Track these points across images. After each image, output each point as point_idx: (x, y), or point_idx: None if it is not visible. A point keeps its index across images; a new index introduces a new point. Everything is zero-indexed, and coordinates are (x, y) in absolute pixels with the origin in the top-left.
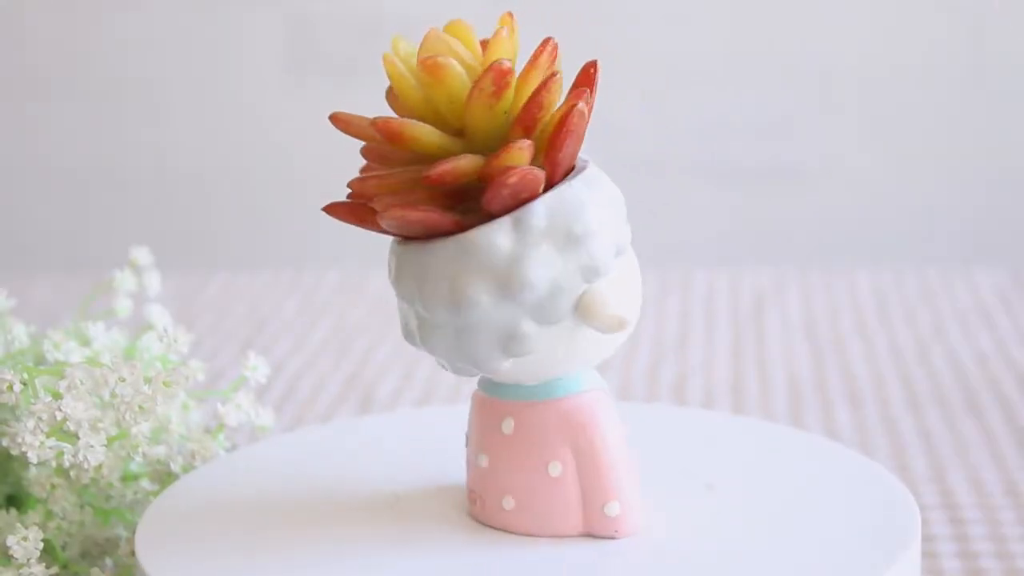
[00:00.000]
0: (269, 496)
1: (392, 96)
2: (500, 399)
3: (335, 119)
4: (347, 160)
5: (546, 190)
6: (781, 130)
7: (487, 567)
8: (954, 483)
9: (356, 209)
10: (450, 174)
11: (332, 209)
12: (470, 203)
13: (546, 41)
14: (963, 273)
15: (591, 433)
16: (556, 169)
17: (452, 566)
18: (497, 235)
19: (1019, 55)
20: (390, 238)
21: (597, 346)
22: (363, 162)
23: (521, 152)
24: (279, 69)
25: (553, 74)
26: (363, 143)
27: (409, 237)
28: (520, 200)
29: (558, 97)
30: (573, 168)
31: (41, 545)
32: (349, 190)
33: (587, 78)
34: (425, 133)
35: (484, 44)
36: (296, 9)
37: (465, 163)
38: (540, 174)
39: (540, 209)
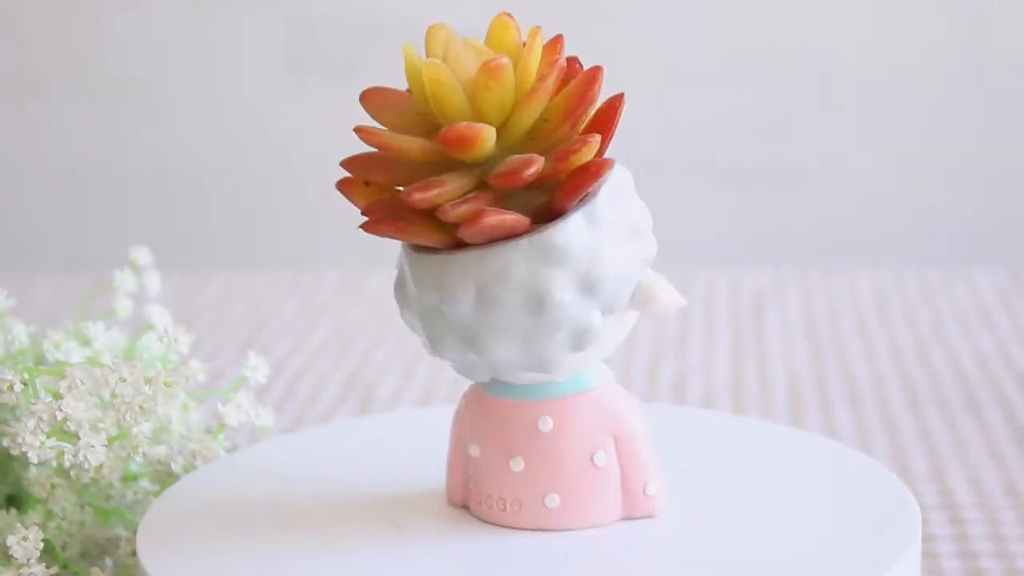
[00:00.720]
0: (270, 496)
1: (377, 102)
2: (530, 399)
3: (360, 132)
4: None
5: None
6: (781, 130)
7: (490, 565)
8: (954, 483)
9: (398, 222)
10: (535, 174)
11: (372, 227)
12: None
13: (559, 38)
14: (963, 273)
15: (629, 417)
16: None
17: (454, 564)
18: (576, 231)
19: (1019, 55)
20: (384, 241)
21: (624, 333)
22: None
23: (596, 147)
24: (279, 69)
25: (599, 68)
26: (367, 150)
27: (458, 244)
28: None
29: None
30: None
31: (41, 545)
32: (397, 201)
33: (576, 73)
34: (490, 136)
35: None
36: (296, 9)
37: (542, 162)
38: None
39: (606, 202)
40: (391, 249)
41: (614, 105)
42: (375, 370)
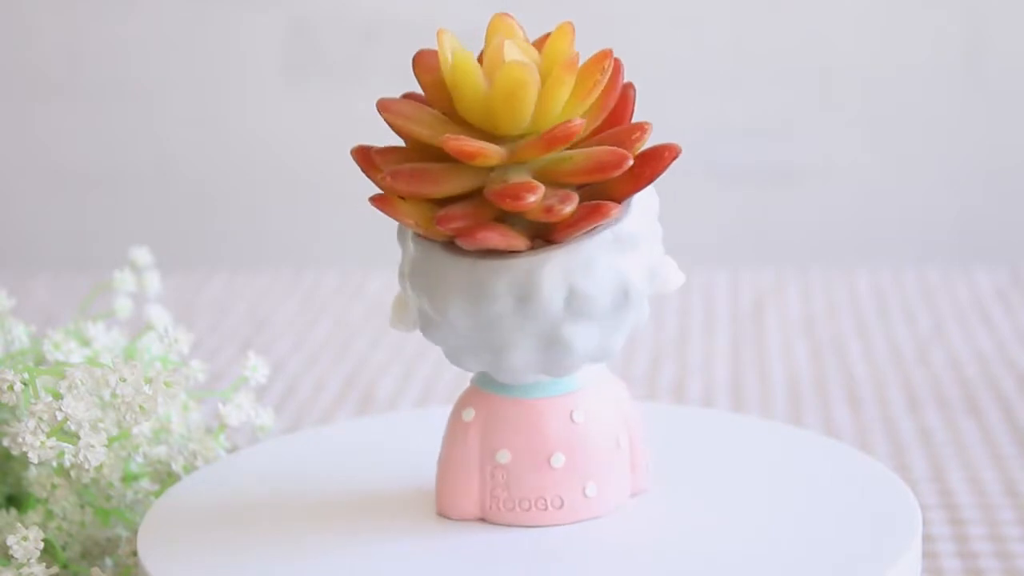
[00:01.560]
0: (271, 496)
1: (396, 111)
2: (561, 394)
3: (450, 141)
4: (347, 160)
5: None
6: (781, 130)
7: (493, 564)
8: (954, 483)
9: (498, 229)
10: (625, 168)
11: (472, 237)
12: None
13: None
14: (963, 273)
15: (630, 400)
16: None
17: (454, 564)
18: (640, 218)
19: (1019, 55)
20: (383, 241)
21: None
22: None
23: (650, 134)
24: (279, 70)
25: (619, 61)
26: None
27: (533, 244)
28: None
29: None
30: None
31: (41, 545)
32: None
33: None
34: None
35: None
36: (296, 10)
37: (631, 156)
38: None
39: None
40: (390, 250)
41: (628, 95)
42: (375, 370)
